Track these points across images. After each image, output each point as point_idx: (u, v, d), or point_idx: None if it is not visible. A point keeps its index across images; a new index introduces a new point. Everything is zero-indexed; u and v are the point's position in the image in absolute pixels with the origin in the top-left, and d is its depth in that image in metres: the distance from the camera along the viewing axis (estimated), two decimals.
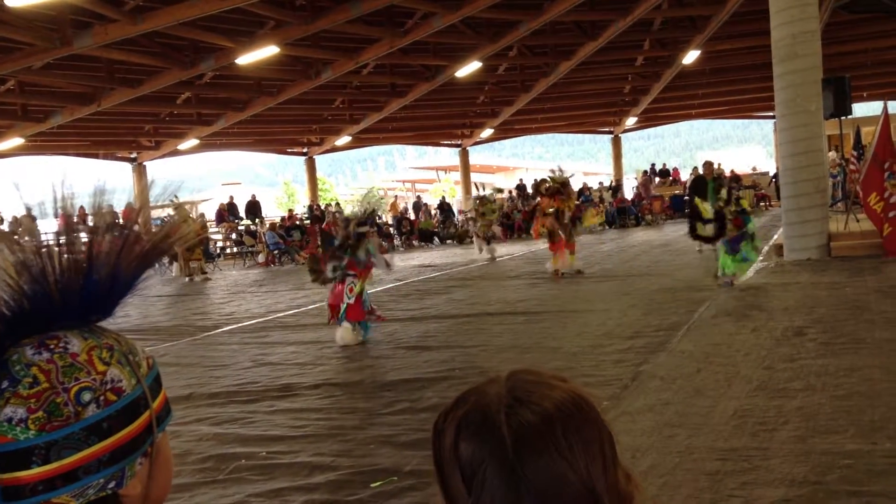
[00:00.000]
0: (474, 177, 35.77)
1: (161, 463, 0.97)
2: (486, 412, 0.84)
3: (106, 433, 0.89)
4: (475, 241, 19.43)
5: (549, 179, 13.04)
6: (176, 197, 17.57)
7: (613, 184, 32.71)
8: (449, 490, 0.85)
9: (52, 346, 0.90)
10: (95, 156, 29.39)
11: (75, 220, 0.99)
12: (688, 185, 22.67)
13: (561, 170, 13.62)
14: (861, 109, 23.10)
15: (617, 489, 0.85)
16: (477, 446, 0.83)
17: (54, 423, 0.86)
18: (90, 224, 0.97)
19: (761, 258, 12.64)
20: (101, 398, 0.89)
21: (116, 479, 0.90)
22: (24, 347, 0.89)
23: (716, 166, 17.85)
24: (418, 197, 36.61)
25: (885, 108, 11.95)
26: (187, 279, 18.44)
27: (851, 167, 15.09)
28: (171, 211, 13.37)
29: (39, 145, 26.90)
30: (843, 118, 12.97)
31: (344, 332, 7.75)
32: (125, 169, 29.87)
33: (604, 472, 0.83)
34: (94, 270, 0.94)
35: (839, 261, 10.96)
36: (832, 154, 19.15)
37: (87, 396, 0.88)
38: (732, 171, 31.00)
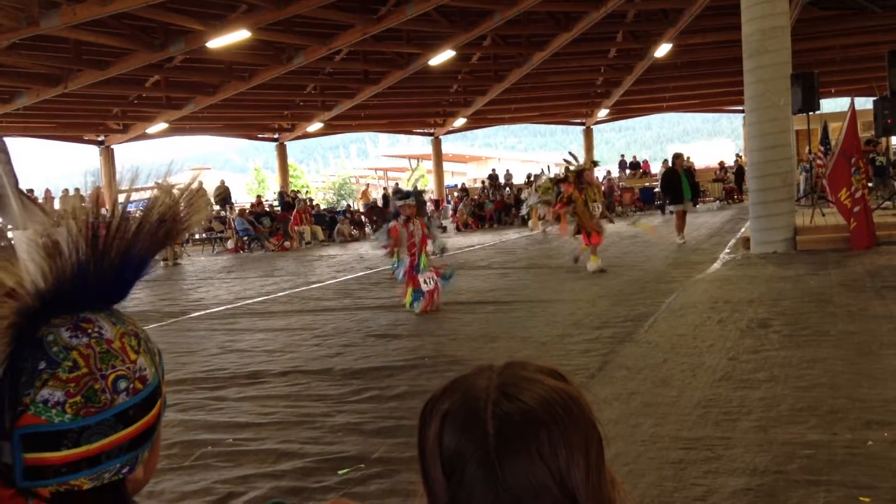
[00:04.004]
0: (447, 166, 35.60)
1: (156, 447, 0.99)
2: (473, 406, 0.82)
3: (131, 420, 0.90)
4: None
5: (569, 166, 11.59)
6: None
7: None
8: (429, 479, 0.84)
9: (88, 331, 0.89)
10: (61, 138, 28.93)
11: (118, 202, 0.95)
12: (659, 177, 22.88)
13: (573, 156, 12.14)
14: (829, 105, 23.46)
15: (599, 495, 0.83)
16: (460, 441, 0.81)
17: (90, 408, 0.87)
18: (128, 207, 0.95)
19: (728, 250, 12.80)
20: (131, 386, 0.91)
21: (130, 465, 0.92)
22: (58, 328, 0.88)
23: (685, 158, 17.92)
24: (385, 188, 36.43)
25: (853, 103, 12.12)
26: (162, 263, 18.22)
27: (818, 162, 15.27)
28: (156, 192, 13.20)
29: (4, 126, 26.36)
30: (811, 113, 13.16)
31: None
32: (92, 152, 29.43)
33: (586, 478, 0.81)
34: (133, 253, 0.93)
35: (805, 254, 11.12)
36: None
37: (122, 385, 0.90)
38: (721, 163, 31.63)
